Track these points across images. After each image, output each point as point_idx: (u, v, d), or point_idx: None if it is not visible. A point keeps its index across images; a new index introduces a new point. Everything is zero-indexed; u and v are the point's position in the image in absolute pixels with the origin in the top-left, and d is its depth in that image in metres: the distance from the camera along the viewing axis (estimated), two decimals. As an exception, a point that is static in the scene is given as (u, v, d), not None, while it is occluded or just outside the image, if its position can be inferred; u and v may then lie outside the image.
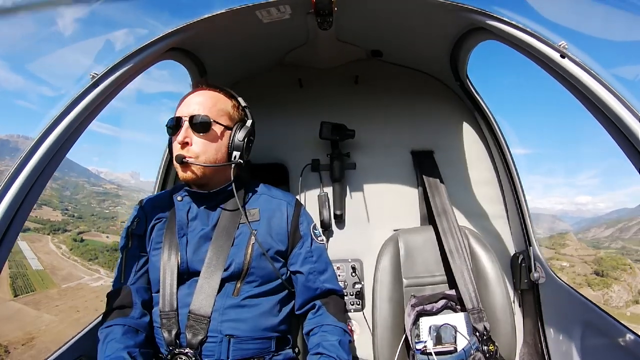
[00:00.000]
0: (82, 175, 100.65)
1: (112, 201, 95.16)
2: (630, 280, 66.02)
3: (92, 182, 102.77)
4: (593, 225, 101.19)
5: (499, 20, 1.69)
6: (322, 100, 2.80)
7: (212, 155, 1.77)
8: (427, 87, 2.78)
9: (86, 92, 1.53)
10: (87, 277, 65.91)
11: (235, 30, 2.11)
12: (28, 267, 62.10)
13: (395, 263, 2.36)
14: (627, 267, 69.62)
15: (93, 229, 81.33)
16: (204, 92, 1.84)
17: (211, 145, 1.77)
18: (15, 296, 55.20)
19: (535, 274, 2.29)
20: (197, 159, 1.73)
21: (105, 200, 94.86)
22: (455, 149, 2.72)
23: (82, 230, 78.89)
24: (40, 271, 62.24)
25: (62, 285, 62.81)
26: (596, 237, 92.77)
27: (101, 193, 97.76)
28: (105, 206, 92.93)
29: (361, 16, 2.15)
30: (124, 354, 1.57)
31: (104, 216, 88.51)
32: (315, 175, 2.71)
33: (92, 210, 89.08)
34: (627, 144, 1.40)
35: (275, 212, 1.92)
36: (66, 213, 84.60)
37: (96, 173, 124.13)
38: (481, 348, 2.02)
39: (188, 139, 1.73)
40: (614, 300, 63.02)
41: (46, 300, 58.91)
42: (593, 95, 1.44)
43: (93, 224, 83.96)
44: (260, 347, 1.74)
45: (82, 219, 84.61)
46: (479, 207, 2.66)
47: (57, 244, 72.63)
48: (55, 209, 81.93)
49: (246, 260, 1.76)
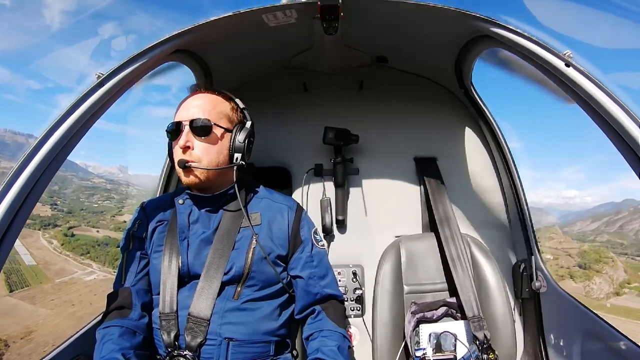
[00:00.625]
0: (70, 169, 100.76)
1: (100, 195, 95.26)
2: (612, 272, 66.22)
3: (81, 176, 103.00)
4: (579, 219, 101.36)
5: (505, 28, 1.69)
6: (326, 104, 2.80)
7: (215, 159, 1.78)
8: (431, 93, 2.77)
9: (91, 92, 1.54)
10: (80, 272, 66.52)
11: (241, 33, 2.12)
12: (21, 263, 62.61)
13: (397, 269, 2.35)
14: (609, 260, 70.03)
15: (83, 224, 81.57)
16: (202, 95, 1.86)
17: (213, 148, 1.78)
18: (10, 291, 55.71)
19: (537, 283, 2.27)
20: (200, 163, 1.75)
21: (94, 195, 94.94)
22: (459, 157, 2.71)
23: (72, 225, 79.08)
24: (34, 266, 62.78)
25: (56, 280, 63.28)
26: (582, 231, 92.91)
27: (90, 187, 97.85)
28: (94, 200, 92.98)
29: (367, 22, 2.16)
30: (118, 356, 1.56)
31: (93, 210, 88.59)
32: (318, 179, 2.71)
33: (82, 205, 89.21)
34: (629, 152, 1.40)
35: (276, 216, 1.92)
36: (55, 208, 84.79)
37: (84, 167, 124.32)
38: (481, 356, 2.01)
39: (189, 143, 1.75)
40: (595, 292, 62.90)
41: (41, 295, 59.32)
42: (597, 104, 1.45)
43: (83, 219, 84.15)
44: (259, 350, 1.74)
45: (72, 214, 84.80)
46: (482, 215, 2.65)
47: (49, 239, 73.00)
48: (44, 204, 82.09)
49: (247, 264, 1.76)
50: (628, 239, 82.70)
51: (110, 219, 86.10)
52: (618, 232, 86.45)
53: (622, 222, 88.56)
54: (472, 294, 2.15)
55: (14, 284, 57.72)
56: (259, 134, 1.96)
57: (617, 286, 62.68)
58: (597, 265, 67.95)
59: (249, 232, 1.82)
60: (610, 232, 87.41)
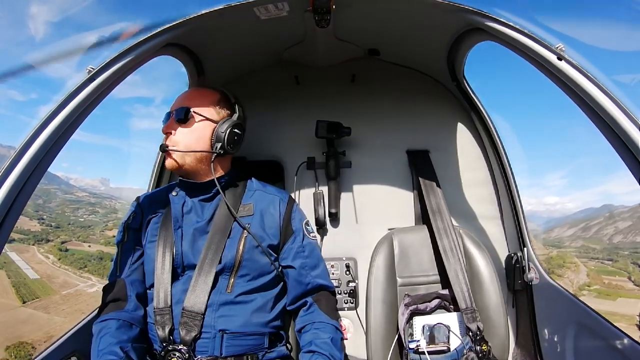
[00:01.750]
0: (53, 182, 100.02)
1: (85, 209, 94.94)
2: (573, 276, 67.61)
3: (64, 189, 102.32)
4: (558, 225, 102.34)
5: (497, 21, 1.69)
6: (318, 98, 2.79)
7: (193, 145, 1.84)
8: (423, 86, 2.77)
9: (82, 87, 1.52)
10: (82, 284, 68.27)
11: (232, 26, 2.11)
12: (26, 277, 64.14)
13: (390, 262, 2.36)
14: (572, 265, 71.49)
15: (74, 239, 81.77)
16: (193, 89, 2.00)
17: (192, 135, 1.84)
18: (23, 302, 57.80)
19: (529, 275, 2.29)
20: (177, 146, 1.82)
21: (79, 209, 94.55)
22: (451, 149, 2.72)
23: (64, 239, 79.44)
24: (38, 280, 64.46)
25: (62, 292, 65.46)
26: (559, 237, 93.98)
27: (74, 201, 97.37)
28: (80, 214, 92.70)
29: (359, 15, 2.15)
30: (116, 349, 1.57)
31: (80, 225, 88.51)
32: (311, 173, 2.70)
33: (68, 219, 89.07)
34: (622, 146, 1.40)
35: (268, 207, 1.95)
36: (43, 222, 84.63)
37: (66, 180, 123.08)
38: (474, 348, 2.03)
39: (170, 129, 1.84)
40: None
41: (52, 305, 61.51)
42: (590, 97, 1.45)
43: (73, 234, 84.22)
44: (254, 343, 1.75)
45: (61, 228, 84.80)
46: (474, 208, 2.66)
47: (44, 253, 73.61)
48: (31, 219, 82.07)
49: (238, 253, 1.78)
50: (602, 244, 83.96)
51: (100, 234, 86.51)
52: (594, 237, 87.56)
53: (597, 228, 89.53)
54: (464, 285, 2.16)
55: (24, 295, 59.93)
56: (251, 127, 1.96)
57: (577, 289, 64.37)
58: (560, 270, 69.51)
59: (242, 222, 1.84)
60: (586, 238, 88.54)
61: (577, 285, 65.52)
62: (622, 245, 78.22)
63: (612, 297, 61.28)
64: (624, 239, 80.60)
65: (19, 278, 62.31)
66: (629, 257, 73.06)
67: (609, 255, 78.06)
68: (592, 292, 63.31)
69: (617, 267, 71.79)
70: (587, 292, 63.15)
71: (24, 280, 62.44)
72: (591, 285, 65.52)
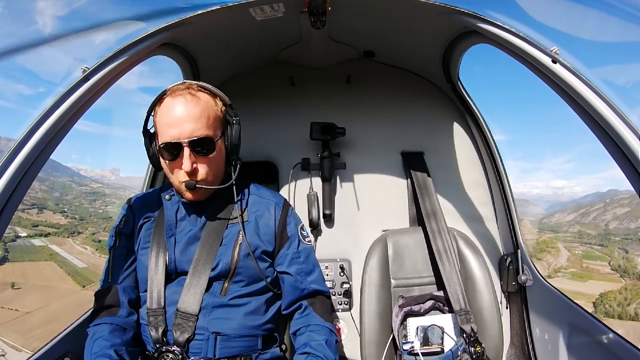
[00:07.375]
0: (65, 174, 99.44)
1: (102, 201, 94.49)
2: (552, 260, 68.44)
3: (77, 181, 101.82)
4: (559, 210, 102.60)
5: (491, 24, 1.69)
6: (313, 99, 2.79)
7: (219, 169, 1.78)
8: (418, 88, 2.78)
9: (77, 86, 1.51)
10: None
11: (228, 27, 2.10)
12: (75, 266, 64.43)
13: (384, 263, 2.36)
14: (553, 249, 72.44)
15: (100, 230, 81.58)
16: (190, 103, 1.67)
17: (216, 161, 1.75)
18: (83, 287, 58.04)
19: (523, 276, 2.30)
20: (207, 181, 1.71)
21: (95, 200, 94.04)
22: (446, 151, 2.72)
23: (92, 231, 79.39)
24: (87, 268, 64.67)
25: None
26: (559, 222, 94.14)
27: (90, 193, 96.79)
28: (98, 206, 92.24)
29: (354, 16, 2.15)
30: (110, 352, 1.57)
31: (101, 216, 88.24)
32: (305, 174, 2.70)
33: (87, 211, 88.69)
34: (615, 148, 1.42)
35: (263, 212, 1.92)
36: (67, 216, 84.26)
37: (76, 171, 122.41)
38: (468, 349, 2.04)
39: (195, 164, 1.67)
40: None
41: None
42: (583, 100, 1.46)
43: (97, 225, 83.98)
44: (247, 345, 1.75)
45: (85, 220, 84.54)
46: (468, 209, 2.67)
47: (81, 245, 73.74)
48: (55, 212, 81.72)
49: (234, 259, 1.76)
50: (598, 230, 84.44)
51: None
52: (591, 223, 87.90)
53: (596, 214, 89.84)
54: (458, 287, 2.17)
55: (80, 282, 60.53)
56: (245, 128, 1.94)
57: (552, 271, 65.54)
58: (541, 254, 70.59)
59: (236, 228, 1.82)
60: (585, 223, 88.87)
61: (553, 268, 66.59)
62: (616, 232, 78.79)
63: (584, 279, 62.63)
64: (619, 225, 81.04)
65: (69, 267, 63.91)
66: (619, 243, 73.77)
67: (601, 241, 78.68)
68: (567, 275, 64.80)
69: (605, 252, 72.76)
70: (561, 275, 64.67)
71: (75, 269, 63.64)
72: (567, 269, 66.68)
